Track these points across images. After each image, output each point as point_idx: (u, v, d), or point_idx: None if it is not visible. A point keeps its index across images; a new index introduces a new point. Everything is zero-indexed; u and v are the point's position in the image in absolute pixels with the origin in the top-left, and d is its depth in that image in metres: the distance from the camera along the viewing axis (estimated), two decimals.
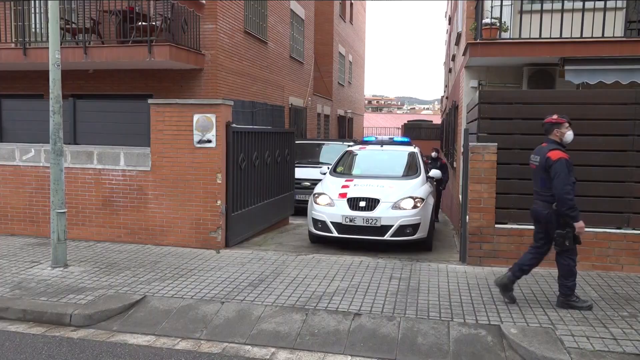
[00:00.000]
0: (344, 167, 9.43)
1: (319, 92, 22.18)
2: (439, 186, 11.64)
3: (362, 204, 7.74)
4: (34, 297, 5.33)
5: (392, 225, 7.54)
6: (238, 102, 8.80)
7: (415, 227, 7.63)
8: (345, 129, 27.77)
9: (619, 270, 6.36)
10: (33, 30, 11.62)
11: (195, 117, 7.42)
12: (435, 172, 9.26)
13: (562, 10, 8.03)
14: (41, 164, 8.10)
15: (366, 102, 71.02)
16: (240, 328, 4.73)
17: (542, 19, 8.22)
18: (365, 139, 10.43)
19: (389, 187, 8.04)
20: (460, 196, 7.77)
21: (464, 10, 10.08)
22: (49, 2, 6.37)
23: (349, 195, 7.89)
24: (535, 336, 4.41)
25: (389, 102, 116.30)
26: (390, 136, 10.66)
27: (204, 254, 7.16)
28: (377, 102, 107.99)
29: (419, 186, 8.24)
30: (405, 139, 10.28)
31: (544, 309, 5.07)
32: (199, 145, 7.45)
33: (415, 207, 7.72)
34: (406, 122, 35.97)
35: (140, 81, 11.80)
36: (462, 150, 7.65)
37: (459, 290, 5.65)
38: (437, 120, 35.71)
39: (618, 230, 6.42)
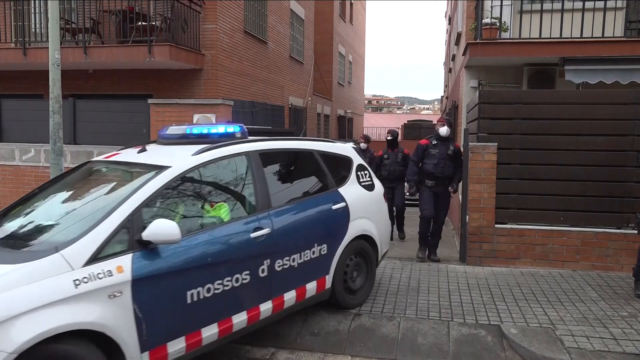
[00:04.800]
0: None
1: (319, 92, 22.17)
2: (443, 190, 6.92)
3: None
4: None
5: None
6: (238, 102, 8.81)
7: None
8: (345, 129, 27.79)
9: (619, 270, 6.36)
10: (33, 30, 11.62)
11: (195, 117, 7.43)
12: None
13: (562, 10, 8.03)
14: (41, 164, 8.11)
15: (366, 102, 71.09)
16: None
17: (542, 19, 8.23)
18: (169, 131, 4.45)
19: None
20: (460, 196, 7.76)
21: (464, 10, 10.08)
22: (49, 2, 6.38)
23: None
24: (535, 336, 4.41)
25: (389, 102, 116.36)
26: (195, 126, 4.38)
27: None
28: (377, 102, 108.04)
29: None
30: (224, 130, 4.38)
31: (544, 309, 5.07)
32: None
33: None
34: (406, 122, 36.03)
35: (140, 81, 11.79)
36: (462, 150, 7.65)
37: (459, 290, 5.65)
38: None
39: (618, 230, 6.42)
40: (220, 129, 4.38)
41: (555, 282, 5.96)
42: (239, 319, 3.83)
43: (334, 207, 4.76)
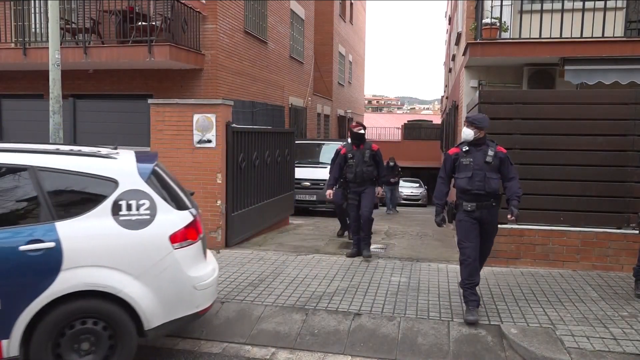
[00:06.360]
0: None
1: (319, 92, 22.17)
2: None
3: None
4: None
5: None
6: (238, 102, 8.81)
7: None
8: (345, 129, 27.77)
9: (619, 270, 6.36)
10: (33, 30, 11.62)
11: (195, 117, 7.42)
12: None
13: (562, 10, 8.03)
14: None
15: (366, 102, 71.11)
16: (240, 328, 4.73)
17: (542, 19, 8.23)
18: None
19: None
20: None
21: (464, 10, 10.09)
22: (49, 2, 6.38)
23: None
24: (535, 336, 4.41)
25: (389, 102, 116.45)
26: None
27: None
28: (377, 102, 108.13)
29: None
30: None
31: (544, 309, 5.07)
32: (199, 146, 7.45)
33: None
34: (406, 122, 35.99)
35: (140, 81, 11.79)
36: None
37: (459, 290, 5.64)
38: (437, 120, 35.75)
39: (618, 230, 6.42)
40: None
41: (556, 282, 5.96)
42: None
43: (24, 247, 3.45)
